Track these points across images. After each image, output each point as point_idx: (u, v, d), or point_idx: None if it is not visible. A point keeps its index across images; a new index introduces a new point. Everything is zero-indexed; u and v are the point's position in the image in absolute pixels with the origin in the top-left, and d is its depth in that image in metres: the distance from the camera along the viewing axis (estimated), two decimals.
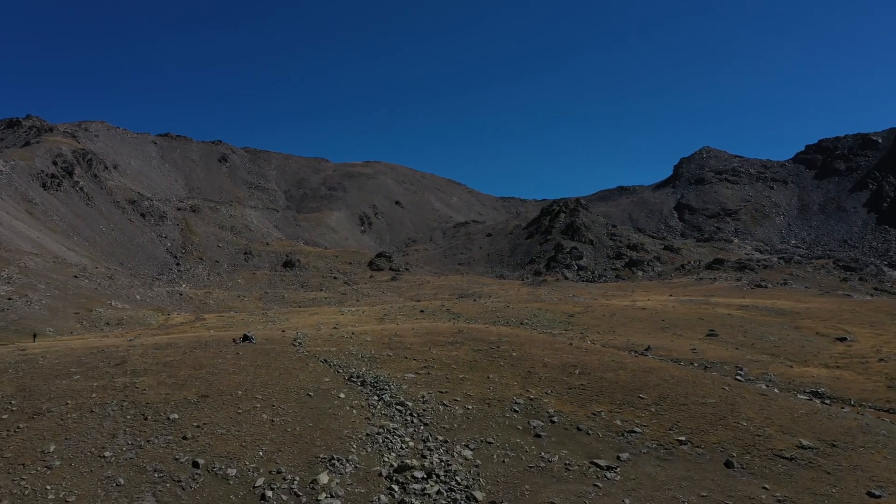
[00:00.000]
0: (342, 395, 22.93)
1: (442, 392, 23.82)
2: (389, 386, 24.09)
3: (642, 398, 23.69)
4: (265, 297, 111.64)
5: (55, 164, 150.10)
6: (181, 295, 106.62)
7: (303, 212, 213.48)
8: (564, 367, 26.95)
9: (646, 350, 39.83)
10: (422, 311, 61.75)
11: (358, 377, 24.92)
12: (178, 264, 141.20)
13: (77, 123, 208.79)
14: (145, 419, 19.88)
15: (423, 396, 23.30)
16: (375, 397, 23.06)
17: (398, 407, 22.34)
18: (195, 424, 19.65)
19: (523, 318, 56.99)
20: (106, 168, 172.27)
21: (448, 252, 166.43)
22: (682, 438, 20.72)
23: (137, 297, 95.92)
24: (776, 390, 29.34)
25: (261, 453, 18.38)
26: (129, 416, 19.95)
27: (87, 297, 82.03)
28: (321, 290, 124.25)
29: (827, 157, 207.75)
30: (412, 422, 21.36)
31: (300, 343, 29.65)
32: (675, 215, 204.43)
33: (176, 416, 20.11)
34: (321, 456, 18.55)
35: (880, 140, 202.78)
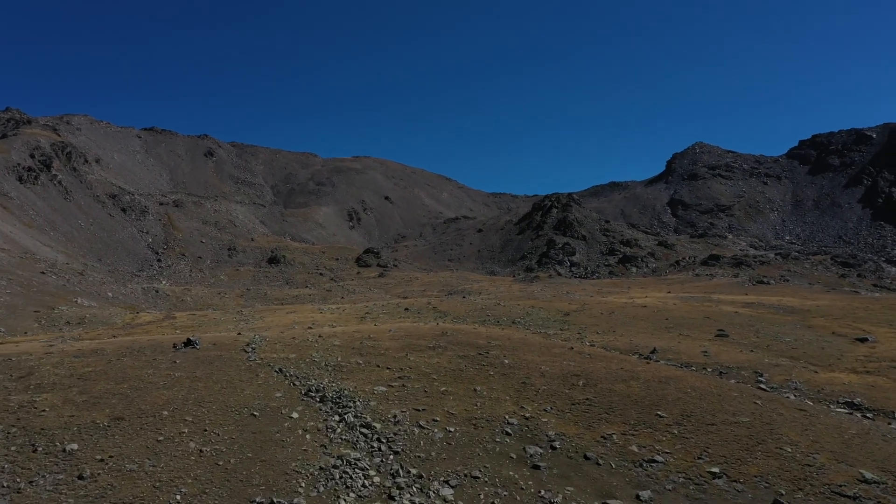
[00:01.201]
0: (295, 416, 18.68)
1: (418, 410, 19.62)
2: (355, 402, 19.85)
3: (661, 416, 19.59)
4: (247, 294, 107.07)
5: (32, 157, 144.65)
6: (157, 292, 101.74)
7: (290, 207, 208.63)
8: (565, 377, 22.81)
9: (652, 353, 35.84)
10: (406, 310, 57.52)
11: (317, 391, 20.65)
12: (159, 260, 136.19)
13: (58, 116, 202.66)
14: (34, 451, 15.57)
15: (395, 416, 19.09)
16: (336, 417, 18.82)
17: (363, 430, 18.11)
18: (98, 458, 15.37)
19: (515, 316, 52.88)
20: (86, 162, 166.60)
21: (438, 248, 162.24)
22: (716, 470, 16.64)
23: (109, 294, 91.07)
24: (808, 402, 25.34)
25: (178, 497, 14.15)
26: (13, 448, 15.62)
27: (52, 294, 77.19)
28: (306, 286, 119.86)
29: (821, 153, 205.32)
30: (379, 450, 17.15)
31: (254, 348, 25.27)
32: (668, 211, 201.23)
33: (75, 446, 15.81)
34: (258, 500, 14.34)
35: (874, 135, 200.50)
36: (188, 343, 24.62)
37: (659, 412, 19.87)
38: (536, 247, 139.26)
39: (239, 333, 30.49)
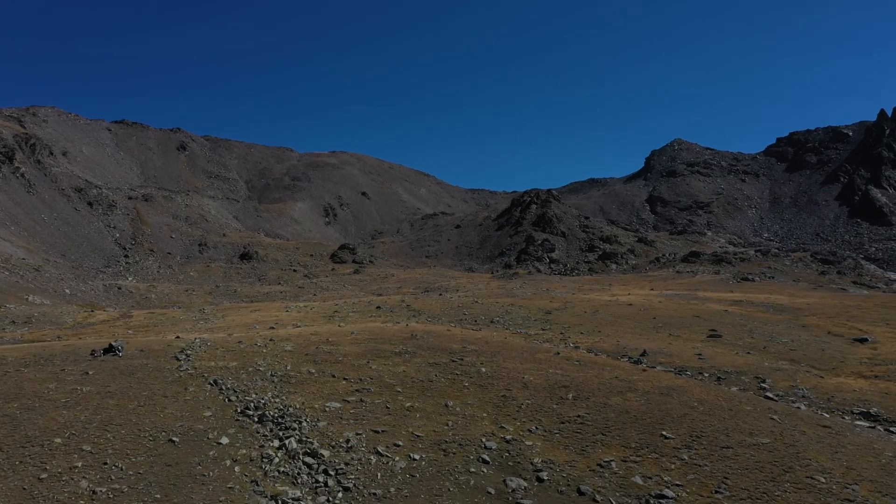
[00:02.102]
0: (224, 441, 15.23)
1: (377, 432, 16.27)
2: (300, 423, 16.42)
3: (667, 438, 16.49)
4: (216, 292, 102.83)
5: None
6: (120, 289, 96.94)
7: (265, 202, 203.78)
8: (552, 389, 19.63)
9: (642, 355, 32.93)
10: (378, 308, 54.11)
11: (256, 409, 17.19)
12: (126, 256, 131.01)
13: (25, 108, 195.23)
14: None
15: (349, 440, 15.71)
16: (276, 442, 15.40)
17: (307, 459, 14.72)
18: None
19: (494, 315, 49.77)
20: (52, 154, 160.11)
21: (415, 244, 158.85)
22: None
23: (67, 291, 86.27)
24: (825, 414, 22.52)
25: None
26: None
27: (1, 291, 72.43)
28: (279, 283, 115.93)
29: (798, 151, 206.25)
30: (326, 485, 13.80)
31: (188, 355, 21.68)
32: (648, 208, 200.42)
33: None
34: None
35: (851, 133, 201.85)
36: (109, 349, 20.98)
37: (664, 432, 16.77)
38: (515, 243, 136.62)
39: (177, 336, 26.75)
